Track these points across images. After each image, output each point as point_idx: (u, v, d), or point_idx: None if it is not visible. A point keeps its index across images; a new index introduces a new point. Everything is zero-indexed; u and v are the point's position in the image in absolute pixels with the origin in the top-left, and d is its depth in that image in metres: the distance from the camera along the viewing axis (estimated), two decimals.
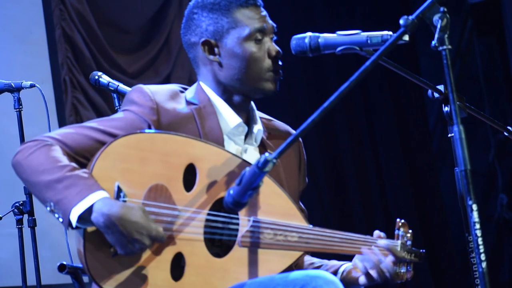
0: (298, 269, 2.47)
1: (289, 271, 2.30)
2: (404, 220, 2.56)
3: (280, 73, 2.52)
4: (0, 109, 4.59)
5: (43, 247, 3.92)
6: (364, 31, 2.37)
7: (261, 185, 2.10)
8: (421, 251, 2.54)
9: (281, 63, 2.52)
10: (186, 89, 2.55)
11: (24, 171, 2.25)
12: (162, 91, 2.46)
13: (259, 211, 2.33)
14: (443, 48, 1.99)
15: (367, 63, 2.03)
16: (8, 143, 4.50)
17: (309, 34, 2.42)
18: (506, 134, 2.57)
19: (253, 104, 2.58)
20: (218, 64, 2.50)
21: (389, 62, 2.36)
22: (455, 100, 1.98)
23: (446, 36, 1.99)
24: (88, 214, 2.15)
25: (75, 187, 2.17)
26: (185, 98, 2.50)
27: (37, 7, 5.23)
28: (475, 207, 1.92)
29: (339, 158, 6.42)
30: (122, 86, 3.37)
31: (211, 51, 2.51)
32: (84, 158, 2.30)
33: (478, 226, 1.91)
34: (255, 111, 2.58)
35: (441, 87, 2.43)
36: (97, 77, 3.41)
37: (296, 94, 6.22)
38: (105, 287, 2.17)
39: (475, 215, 1.91)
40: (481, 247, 1.91)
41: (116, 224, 2.14)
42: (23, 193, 3.61)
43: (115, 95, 3.42)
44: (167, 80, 5.58)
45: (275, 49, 2.51)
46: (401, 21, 2.03)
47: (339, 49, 2.38)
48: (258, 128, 2.54)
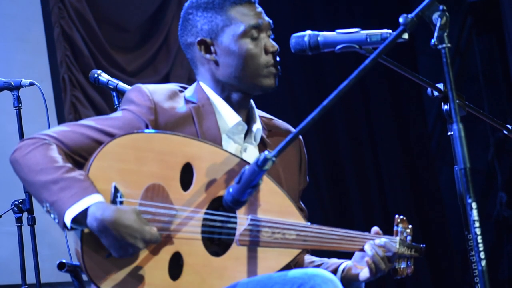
0: (298, 267, 2.47)
1: (287, 269, 2.30)
2: (402, 216, 2.56)
3: (278, 69, 2.51)
4: None
5: (43, 245, 3.91)
6: (363, 29, 2.36)
7: (260, 183, 2.10)
8: (421, 246, 2.55)
9: (279, 59, 2.51)
10: (185, 89, 2.54)
11: (21, 170, 2.25)
12: (160, 90, 2.46)
13: (257, 209, 2.33)
14: (443, 46, 1.99)
15: (367, 61, 2.03)
16: (7, 141, 4.49)
17: (309, 32, 2.42)
18: (505, 132, 2.57)
19: (252, 102, 2.58)
20: (215, 62, 2.50)
21: (388, 60, 2.36)
22: (454, 98, 1.98)
23: (445, 34, 1.99)
24: (82, 217, 2.15)
25: (69, 190, 2.16)
26: (184, 97, 2.50)
27: (36, 5, 5.22)
28: (474, 205, 1.92)
29: (338, 156, 6.42)
30: (121, 84, 3.37)
31: (207, 50, 2.50)
32: (81, 157, 2.30)
33: (477, 224, 1.91)
34: (254, 109, 2.57)
35: (440, 86, 2.43)
36: (96, 75, 3.40)
37: (295, 92, 6.21)
38: (103, 286, 2.17)
39: (475, 213, 1.91)
40: (481, 245, 1.91)
41: (109, 228, 2.13)
42: (23, 191, 3.61)
43: (114, 93, 3.41)
44: (166, 78, 5.57)
45: (272, 45, 2.50)
46: (401, 20, 2.03)
47: (339, 47, 2.37)
48: (257, 127, 2.53)
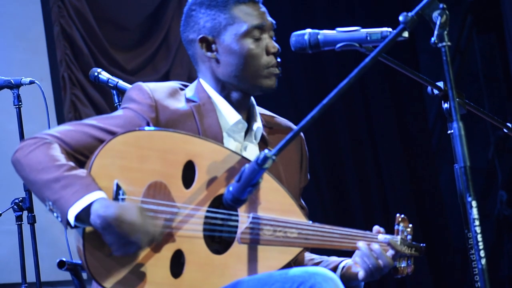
0: (298, 265, 2.47)
1: (288, 267, 2.30)
2: (403, 215, 2.55)
3: (278, 70, 2.51)
4: None
5: (42, 244, 3.91)
6: (363, 27, 2.36)
7: (260, 182, 2.10)
8: (421, 245, 2.54)
9: (280, 60, 2.51)
10: (186, 86, 2.54)
11: (23, 169, 2.24)
12: (161, 88, 2.46)
13: (258, 207, 2.33)
14: (443, 44, 1.99)
15: (367, 60, 2.03)
16: (7, 140, 4.49)
17: (309, 30, 2.42)
18: (505, 130, 2.57)
19: (253, 100, 2.57)
20: (215, 60, 2.49)
21: (388, 58, 2.36)
22: (454, 96, 1.98)
23: (445, 32, 1.99)
24: (85, 214, 2.15)
25: (72, 187, 2.16)
26: (185, 95, 2.50)
27: (36, 4, 5.22)
28: (474, 203, 1.92)
29: (339, 155, 6.42)
30: (121, 82, 3.36)
31: (208, 48, 2.50)
32: (82, 155, 2.29)
33: (477, 222, 1.91)
34: (255, 107, 2.57)
35: (440, 84, 2.43)
36: (96, 74, 3.40)
37: (295, 90, 6.21)
38: (105, 285, 2.17)
39: (475, 211, 1.91)
40: (481, 244, 1.91)
41: (112, 225, 2.13)
42: (23, 190, 3.61)
43: (115, 92, 3.41)
44: (166, 77, 5.57)
45: (274, 46, 2.50)
46: (401, 18, 2.03)
47: (339, 45, 2.37)
48: (257, 125, 2.53)
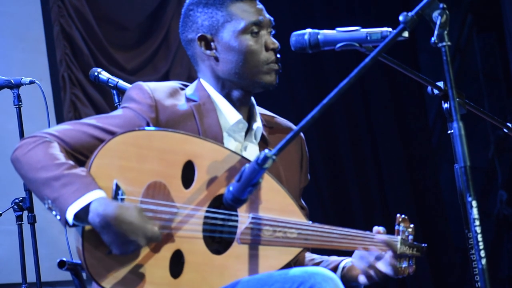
0: (298, 265, 2.46)
1: (288, 267, 2.30)
2: (404, 215, 2.54)
3: (278, 66, 2.51)
4: None
5: (42, 244, 3.91)
6: (363, 27, 2.36)
7: (261, 182, 2.10)
8: (422, 245, 2.52)
9: (279, 57, 2.51)
10: (186, 86, 2.54)
11: (22, 167, 2.25)
12: (161, 88, 2.46)
13: (258, 207, 2.32)
14: (443, 44, 1.99)
15: (367, 60, 2.02)
16: (7, 139, 4.49)
17: (309, 30, 2.41)
18: (505, 130, 2.57)
19: (253, 100, 2.57)
20: (215, 59, 2.50)
21: (388, 58, 2.36)
22: (454, 96, 1.98)
23: (445, 32, 1.99)
24: (84, 213, 2.15)
25: (71, 186, 2.16)
26: (185, 95, 2.50)
27: (35, 4, 5.22)
28: (474, 203, 1.91)
29: (339, 154, 6.42)
30: (121, 82, 3.37)
31: (207, 46, 2.50)
32: (82, 155, 2.30)
33: (477, 222, 1.91)
34: (255, 107, 2.57)
35: (440, 84, 2.43)
36: (96, 74, 3.40)
37: (295, 90, 6.21)
38: (104, 285, 2.17)
39: (475, 211, 1.91)
40: (481, 244, 1.90)
41: (111, 224, 2.13)
42: (23, 190, 3.61)
43: (115, 92, 3.41)
44: (166, 76, 5.57)
45: (273, 42, 2.50)
46: (401, 18, 2.03)
47: (339, 45, 2.37)
48: (257, 125, 2.53)
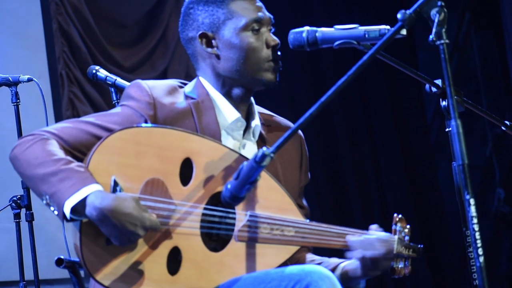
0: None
1: (285, 265, 2.30)
2: (401, 215, 2.53)
3: (279, 63, 2.51)
4: None
5: (40, 241, 3.90)
6: (361, 25, 2.36)
7: (258, 180, 2.10)
8: (419, 246, 2.51)
9: (280, 54, 2.51)
10: (185, 85, 2.55)
11: (21, 165, 2.26)
12: (160, 86, 2.46)
13: (255, 205, 2.33)
14: (441, 42, 1.99)
15: (365, 57, 2.02)
16: (5, 137, 4.49)
17: (307, 28, 2.41)
18: (503, 128, 2.57)
19: (252, 99, 2.57)
20: (216, 56, 2.50)
21: (386, 56, 2.36)
22: (452, 94, 1.98)
23: (443, 30, 1.99)
24: (81, 207, 2.16)
25: (69, 180, 2.17)
26: (184, 93, 2.50)
27: (34, 1, 5.22)
28: (472, 201, 1.92)
29: (337, 152, 6.42)
30: (119, 80, 3.36)
31: (208, 44, 2.50)
32: (80, 152, 2.30)
33: (475, 220, 1.91)
34: (254, 106, 2.57)
35: (438, 82, 2.43)
36: (94, 71, 3.40)
37: (294, 88, 6.21)
38: (102, 281, 2.17)
39: (473, 209, 1.91)
40: (479, 241, 1.91)
41: (109, 216, 2.14)
42: (21, 187, 3.60)
43: (113, 89, 3.41)
44: (164, 74, 5.57)
45: (273, 39, 2.50)
46: (399, 16, 2.03)
47: (337, 43, 2.37)
48: (255, 123, 2.53)
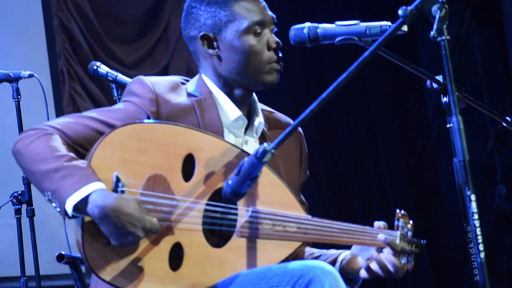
0: (298, 259, 2.46)
1: (287, 261, 2.30)
2: (404, 211, 2.53)
3: (280, 65, 2.51)
4: None
5: (41, 237, 3.91)
6: (362, 21, 2.36)
7: (259, 176, 2.10)
8: (422, 241, 2.51)
9: (281, 55, 2.51)
10: (187, 81, 2.54)
11: (23, 160, 2.25)
12: (162, 82, 2.46)
13: (257, 201, 2.33)
14: (442, 38, 1.99)
15: (366, 54, 2.02)
16: (6, 133, 4.49)
17: (308, 24, 2.41)
18: (504, 124, 2.57)
19: (255, 96, 2.57)
20: (217, 57, 2.49)
21: (387, 52, 2.36)
22: (453, 90, 1.98)
23: (444, 26, 1.99)
24: (83, 204, 2.16)
25: (71, 177, 2.17)
26: (186, 90, 2.50)
27: None
28: (473, 197, 1.92)
29: (338, 149, 6.42)
30: (120, 76, 3.36)
31: (210, 45, 2.50)
32: (82, 147, 2.30)
33: (476, 216, 1.91)
34: (256, 103, 2.57)
35: (439, 78, 2.43)
36: (95, 67, 3.40)
37: (295, 84, 6.21)
38: (103, 277, 2.18)
39: (474, 205, 1.91)
40: (480, 238, 1.91)
41: (110, 216, 2.14)
42: (22, 183, 3.61)
43: (114, 85, 3.41)
44: (165, 70, 5.57)
45: (275, 41, 2.50)
46: (400, 12, 2.03)
47: (338, 39, 2.37)
48: (259, 120, 2.53)
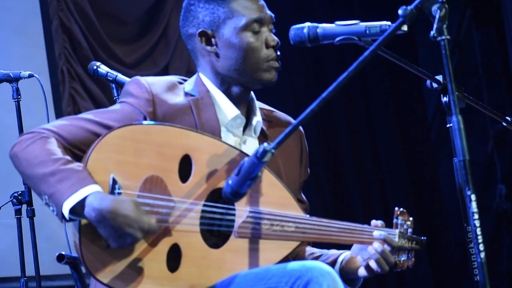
0: (298, 259, 2.47)
1: (286, 261, 2.30)
2: (402, 208, 2.54)
3: (278, 63, 2.51)
4: None
5: (41, 237, 3.91)
6: (362, 21, 2.36)
7: (260, 175, 2.10)
8: (422, 238, 2.52)
9: (280, 53, 2.51)
10: (185, 81, 2.54)
11: (20, 164, 2.26)
12: (159, 82, 2.46)
13: (255, 201, 2.33)
14: (442, 38, 1.99)
15: (366, 53, 2.02)
16: (6, 134, 4.49)
17: (308, 24, 2.41)
18: (504, 124, 2.57)
19: (253, 95, 2.57)
20: (215, 55, 2.49)
21: (387, 52, 2.35)
22: (453, 90, 1.98)
23: (444, 26, 1.99)
24: (80, 207, 2.16)
25: (67, 181, 2.17)
26: (184, 89, 2.50)
27: None
28: (473, 197, 1.92)
29: (338, 149, 6.42)
30: (120, 76, 3.36)
31: (208, 42, 2.50)
32: (79, 150, 2.30)
33: (476, 216, 1.91)
34: (255, 102, 2.57)
35: (439, 78, 2.43)
36: (95, 67, 3.40)
37: (295, 84, 6.21)
38: (101, 279, 2.17)
39: (474, 205, 1.91)
40: (480, 238, 1.91)
41: (107, 218, 2.14)
42: (22, 183, 3.60)
43: (114, 85, 3.41)
44: (165, 70, 5.57)
45: (273, 39, 2.49)
46: (400, 11, 2.03)
47: (338, 39, 2.37)
48: (257, 119, 2.53)
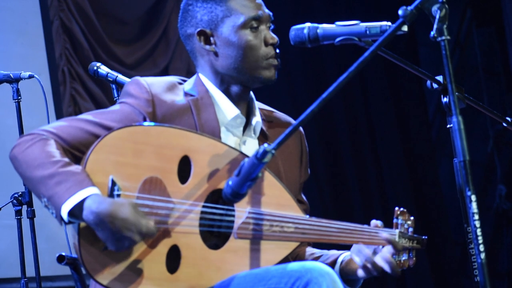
0: (298, 260, 2.46)
1: (286, 262, 2.30)
2: (403, 208, 2.53)
3: (278, 61, 2.51)
4: None
5: (42, 238, 3.91)
6: (362, 21, 2.36)
7: (260, 176, 2.10)
8: (423, 237, 2.51)
9: (279, 51, 2.51)
10: (185, 81, 2.54)
11: (20, 166, 2.26)
12: (159, 83, 2.46)
13: (255, 202, 2.32)
14: (442, 38, 1.99)
15: (366, 54, 2.02)
16: (6, 134, 4.50)
17: (308, 24, 2.41)
18: (504, 124, 2.57)
19: (252, 95, 2.57)
20: (214, 53, 2.49)
21: (388, 52, 2.36)
22: (454, 90, 1.98)
23: (445, 26, 1.99)
24: (78, 210, 2.15)
25: (65, 183, 2.17)
26: (183, 90, 2.50)
27: None
28: (474, 198, 1.92)
29: (338, 148, 6.42)
30: (120, 76, 3.37)
31: (207, 41, 2.50)
32: (79, 151, 2.30)
33: (476, 216, 1.91)
34: (254, 102, 2.57)
35: (440, 78, 2.43)
36: (95, 68, 3.40)
37: (295, 84, 6.21)
38: (101, 281, 2.17)
39: (474, 206, 1.91)
40: (480, 238, 1.91)
41: (105, 221, 2.14)
42: (22, 184, 3.60)
43: (114, 86, 3.41)
44: (165, 71, 5.57)
45: (272, 37, 2.49)
46: (400, 12, 2.03)
47: (338, 39, 2.37)
48: (256, 120, 2.53)
